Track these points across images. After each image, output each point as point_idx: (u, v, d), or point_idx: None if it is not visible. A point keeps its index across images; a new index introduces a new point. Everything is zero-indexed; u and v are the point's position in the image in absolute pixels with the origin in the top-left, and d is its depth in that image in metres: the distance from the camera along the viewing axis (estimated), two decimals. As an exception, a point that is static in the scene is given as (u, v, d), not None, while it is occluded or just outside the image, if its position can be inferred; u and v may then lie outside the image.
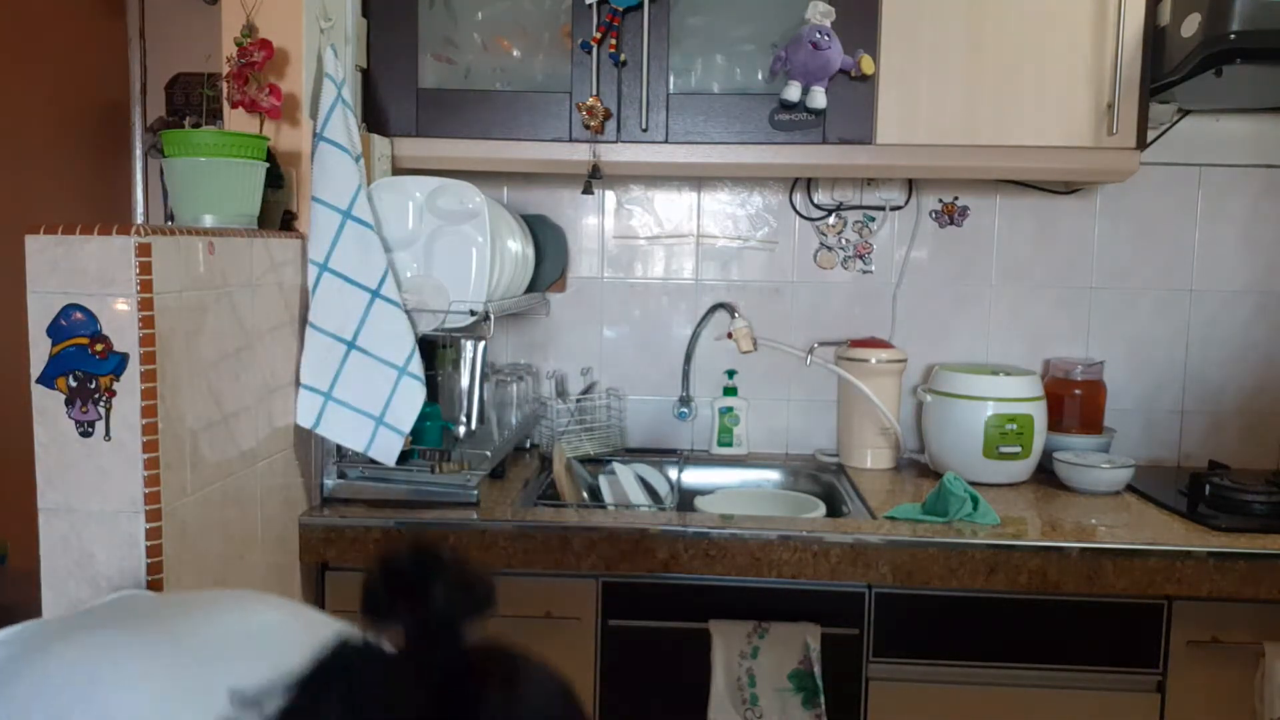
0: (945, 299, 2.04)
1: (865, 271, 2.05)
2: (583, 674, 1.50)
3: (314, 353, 1.45)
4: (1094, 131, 1.68)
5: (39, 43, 1.69)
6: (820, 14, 1.65)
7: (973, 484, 1.62)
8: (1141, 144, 1.69)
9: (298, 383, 1.46)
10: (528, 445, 2.03)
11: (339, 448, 1.56)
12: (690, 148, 1.73)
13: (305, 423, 1.45)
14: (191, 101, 2.05)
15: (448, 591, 0.55)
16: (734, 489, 1.94)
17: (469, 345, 1.77)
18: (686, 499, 1.82)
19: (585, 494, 1.79)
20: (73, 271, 1.05)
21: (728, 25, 1.76)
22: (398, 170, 1.73)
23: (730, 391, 2.06)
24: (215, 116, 1.54)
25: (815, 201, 2.04)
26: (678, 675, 1.49)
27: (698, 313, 2.05)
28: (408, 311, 1.49)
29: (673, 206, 2.06)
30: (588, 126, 1.70)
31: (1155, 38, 1.66)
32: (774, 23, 1.74)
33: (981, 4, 1.67)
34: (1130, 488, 1.77)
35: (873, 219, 2.04)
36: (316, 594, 1.53)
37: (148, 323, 1.06)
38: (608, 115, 1.70)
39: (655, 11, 1.68)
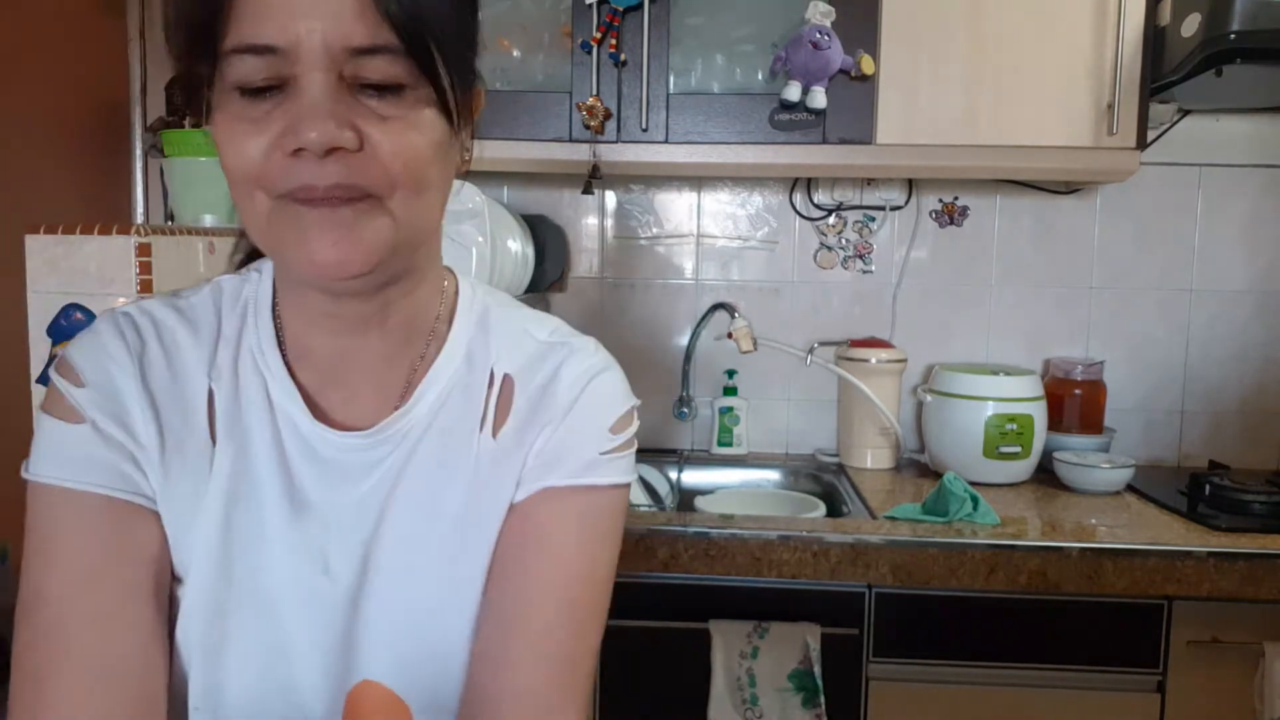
0: (945, 299, 2.04)
1: (865, 271, 2.05)
2: (583, 674, 1.50)
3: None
4: (1094, 131, 1.68)
5: (38, 42, 1.69)
6: (820, 14, 1.65)
7: (973, 484, 1.62)
8: (1141, 144, 1.69)
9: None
10: (528, 445, 2.02)
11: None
12: (690, 148, 1.73)
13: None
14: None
15: None
16: (734, 489, 1.94)
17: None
18: (686, 499, 1.82)
19: (585, 494, 1.78)
20: (73, 271, 1.05)
21: (728, 25, 1.75)
22: (398, 170, 1.72)
23: (730, 391, 2.06)
24: (215, 116, 1.53)
25: (815, 201, 2.04)
26: (678, 675, 1.49)
27: (698, 313, 2.05)
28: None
29: (673, 206, 2.06)
30: (588, 126, 1.70)
31: (1155, 38, 1.66)
32: (774, 23, 1.74)
33: (981, 4, 1.67)
34: (1130, 488, 1.77)
35: (873, 219, 2.04)
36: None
37: (148, 323, 1.06)
38: (608, 115, 1.70)
39: (655, 11, 1.68)
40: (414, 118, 0.60)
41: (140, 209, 2.04)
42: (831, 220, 2.05)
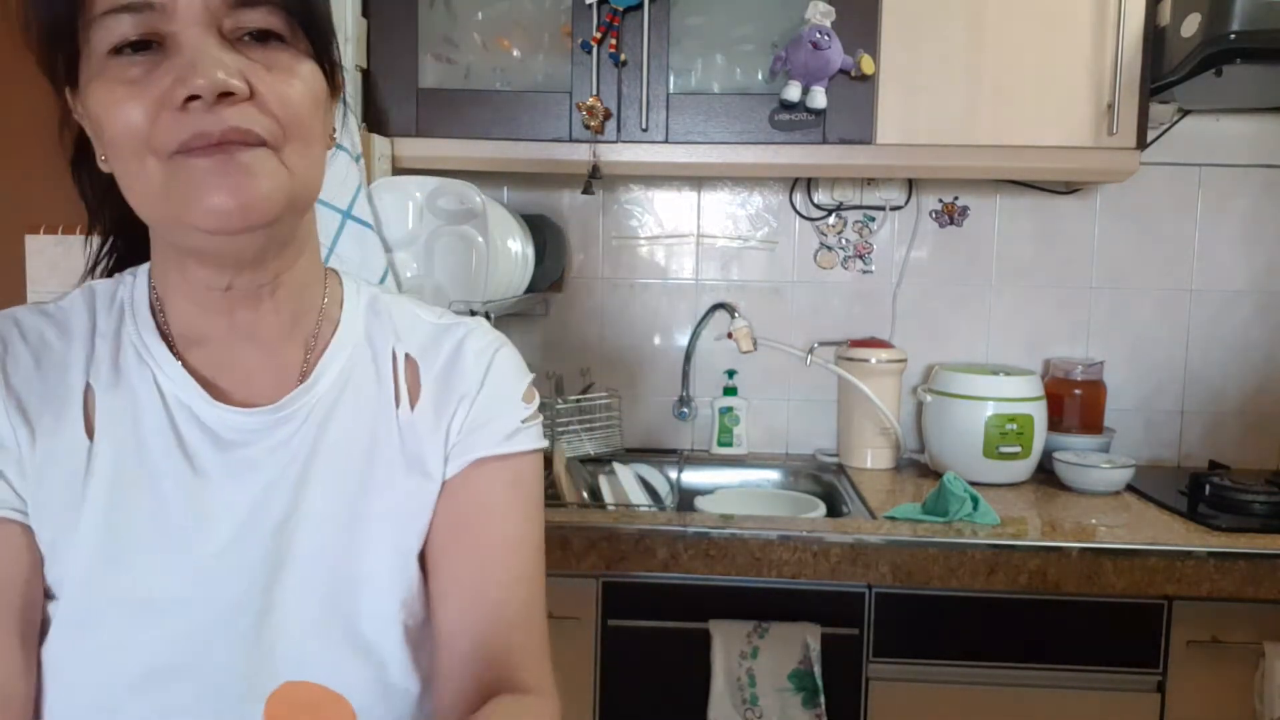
0: (945, 299, 2.04)
1: (865, 271, 2.05)
2: (583, 674, 1.50)
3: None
4: (1094, 131, 1.68)
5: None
6: (820, 14, 1.65)
7: (973, 484, 1.62)
8: (1141, 144, 1.69)
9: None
10: (528, 445, 2.02)
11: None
12: (690, 148, 1.73)
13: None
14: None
15: None
16: (734, 489, 1.94)
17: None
18: (686, 499, 1.82)
19: (585, 494, 1.79)
20: (73, 271, 1.05)
21: (728, 25, 1.75)
22: (398, 170, 1.73)
23: (730, 391, 2.06)
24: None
25: (815, 201, 2.04)
26: (678, 675, 1.49)
27: (698, 313, 2.05)
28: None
29: (672, 206, 2.06)
30: (588, 126, 1.70)
31: (1155, 38, 1.66)
32: (774, 23, 1.74)
33: (982, 4, 1.67)
34: (1130, 488, 1.77)
35: (873, 219, 2.04)
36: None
37: (148, 322, 1.06)
38: (608, 115, 1.70)
39: (655, 11, 1.68)
40: (296, 67, 0.61)
41: (140, 209, 2.04)
42: (831, 220, 2.05)
